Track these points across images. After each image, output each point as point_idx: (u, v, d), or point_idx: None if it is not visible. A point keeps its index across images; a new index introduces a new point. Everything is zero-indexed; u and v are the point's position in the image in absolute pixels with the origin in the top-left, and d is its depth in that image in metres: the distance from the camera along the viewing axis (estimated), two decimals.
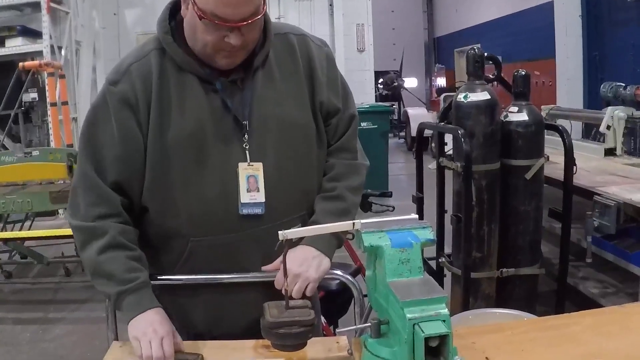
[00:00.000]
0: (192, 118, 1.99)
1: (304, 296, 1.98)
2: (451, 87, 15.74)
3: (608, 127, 5.19)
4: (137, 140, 1.99)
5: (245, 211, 2.03)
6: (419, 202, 4.81)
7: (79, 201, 2.04)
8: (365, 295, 1.95)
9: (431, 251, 4.43)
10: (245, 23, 1.86)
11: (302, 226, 1.71)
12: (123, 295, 1.96)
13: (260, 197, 2.04)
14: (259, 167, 2.05)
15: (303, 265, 2.01)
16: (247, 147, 2.04)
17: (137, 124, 1.99)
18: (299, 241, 2.06)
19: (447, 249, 4.39)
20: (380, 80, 19.73)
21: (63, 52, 10.14)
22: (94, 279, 2.03)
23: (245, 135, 2.04)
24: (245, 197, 2.03)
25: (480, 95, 3.83)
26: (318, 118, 2.18)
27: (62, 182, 5.98)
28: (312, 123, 2.16)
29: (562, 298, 4.10)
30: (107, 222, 2.00)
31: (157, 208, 2.07)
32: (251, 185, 2.04)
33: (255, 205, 2.04)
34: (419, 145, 5.03)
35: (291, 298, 1.82)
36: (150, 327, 1.88)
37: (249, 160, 2.04)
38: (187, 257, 2.08)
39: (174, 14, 2.06)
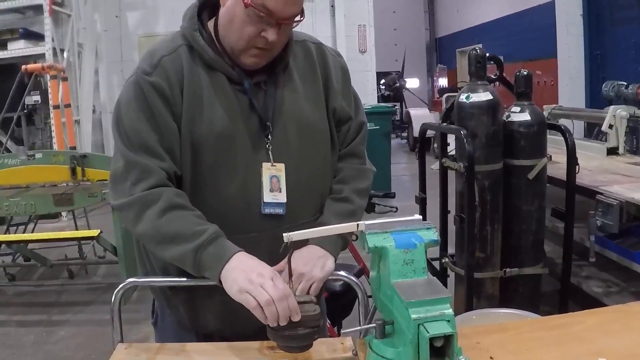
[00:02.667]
0: (223, 116, 2.01)
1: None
2: (453, 88, 15.75)
3: (610, 126, 5.19)
4: (174, 130, 1.98)
5: (267, 210, 2.05)
6: (421, 202, 4.81)
7: (121, 184, 1.98)
8: (370, 296, 1.95)
9: (434, 251, 4.43)
10: (287, 21, 1.91)
11: None
12: (202, 250, 1.86)
13: (282, 197, 2.06)
14: (281, 167, 2.07)
15: (308, 265, 2.02)
16: (270, 148, 2.06)
17: (172, 115, 1.98)
18: (305, 241, 2.06)
19: (451, 250, 4.40)
20: (382, 81, 19.76)
21: (65, 54, 10.17)
22: (158, 248, 1.94)
23: (269, 136, 2.06)
24: (268, 196, 2.05)
25: (483, 96, 3.83)
26: (332, 123, 2.22)
27: (65, 184, 6.00)
28: (327, 127, 2.20)
29: (565, 297, 4.10)
30: (158, 189, 1.93)
31: None
32: (274, 185, 2.06)
33: (277, 205, 2.06)
34: (421, 145, 5.03)
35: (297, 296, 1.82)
36: (253, 272, 1.78)
37: (272, 160, 2.06)
38: None
39: (199, 12, 2.08)
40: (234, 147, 2.02)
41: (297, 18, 1.95)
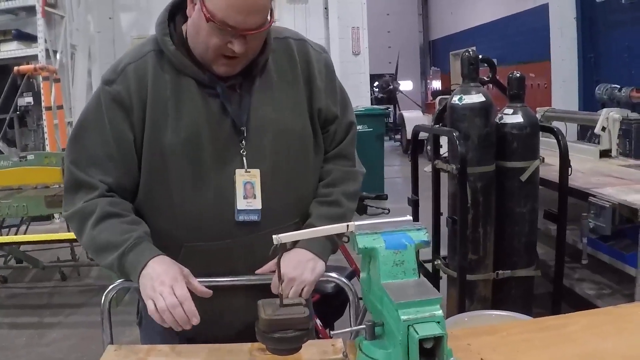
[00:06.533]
0: (189, 122, 1.98)
1: None
2: (446, 90, 15.76)
3: (603, 129, 5.21)
4: (129, 141, 1.98)
5: (241, 218, 2.02)
6: (414, 204, 4.82)
7: (68, 197, 2.03)
8: (361, 298, 1.95)
9: (427, 254, 4.44)
10: (252, 32, 1.85)
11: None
12: (124, 257, 1.90)
13: (257, 204, 2.03)
14: (256, 173, 2.03)
15: (298, 269, 2.00)
16: (244, 154, 2.02)
17: (129, 126, 1.97)
18: (293, 245, 2.05)
19: (443, 252, 4.40)
20: (376, 83, 19.79)
21: (58, 56, 10.13)
22: (97, 258, 1.99)
23: (243, 142, 2.02)
24: (241, 203, 2.02)
25: (475, 98, 3.83)
26: (315, 124, 2.16)
27: (57, 186, 5.97)
28: (309, 129, 2.14)
29: (558, 300, 4.10)
30: (94, 200, 1.97)
31: (152, 211, 2.05)
32: (248, 192, 2.02)
33: (252, 212, 2.03)
34: (414, 148, 5.03)
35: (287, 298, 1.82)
36: (156, 280, 1.83)
37: (246, 167, 2.02)
38: (180, 261, 2.02)
39: (173, 15, 2.04)
40: (203, 153, 1.99)
41: (264, 28, 1.88)
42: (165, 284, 1.81)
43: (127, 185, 2.02)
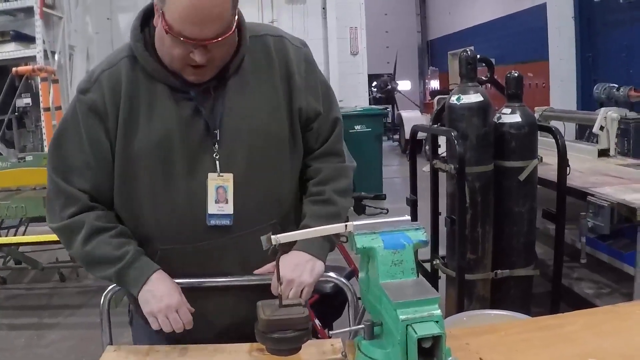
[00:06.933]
0: (160, 126, 1.98)
1: None
2: (445, 90, 15.77)
3: (601, 128, 5.21)
4: (105, 148, 2.00)
5: (212, 222, 2.03)
6: (413, 204, 4.81)
7: (52, 207, 2.09)
8: (360, 298, 1.95)
9: (426, 253, 4.44)
10: (211, 41, 1.83)
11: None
12: (123, 272, 2.00)
13: (229, 208, 2.03)
14: (229, 178, 2.03)
15: (296, 270, 2.00)
16: (217, 157, 2.02)
17: (105, 133, 1.99)
18: (289, 246, 2.05)
19: (442, 251, 4.40)
20: (374, 83, 19.78)
21: (56, 57, 10.12)
22: (91, 270, 2.09)
23: (216, 145, 2.02)
24: (212, 208, 2.02)
25: (473, 97, 3.83)
26: (295, 124, 2.14)
27: None
28: (285, 130, 2.11)
29: (556, 299, 4.10)
30: (80, 216, 2.02)
31: (127, 215, 2.08)
32: (220, 196, 2.02)
33: (223, 217, 2.04)
34: (412, 147, 5.03)
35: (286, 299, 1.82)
36: (162, 302, 1.96)
37: (219, 171, 2.02)
38: (157, 263, 2.06)
39: (147, 20, 2.04)
40: (174, 157, 2.00)
41: (225, 35, 1.85)
42: (171, 308, 1.97)
43: (106, 191, 2.06)
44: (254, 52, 2.09)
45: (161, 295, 1.96)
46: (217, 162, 2.02)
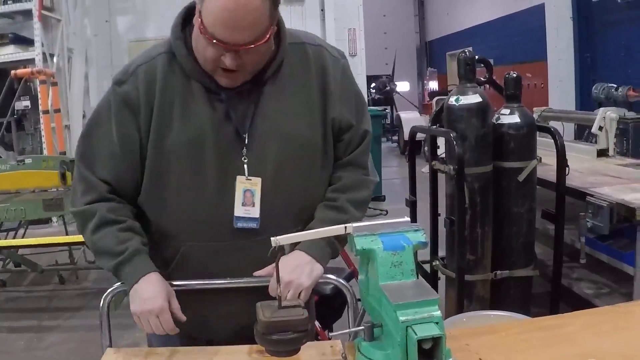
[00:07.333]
0: (193, 125, 1.99)
1: None
2: (443, 91, 15.77)
3: (600, 128, 5.21)
4: (133, 141, 2.01)
5: (239, 225, 2.04)
6: (412, 205, 4.82)
7: (75, 191, 2.12)
8: (360, 299, 1.95)
9: (425, 254, 4.44)
10: (242, 47, 1.83)
11: None
12: (120, 267, 2.02)
13: (255, 212, 2.04)
14: (257, 182, 2.04)
15: (295, 272, 2.00)
16: (245, 161, 2.03)
17: (136, 126, 2.00)
18: (292, 248, 2.05)
19: (441, 252, 4.40)
20: (373, 84, 19.80)
21: (55, 59, 10.12)
22: (97, 259, 2.11)
23: (244, 149, 2.03)
24: (239, 210, 2.03)
25: (472, 98, 3.84)
26: (328, 134, 2.14)
27: (55, 190, 5.97)
28: (317, 138, 2.12)
29: (556, 299, 4.10)
30: (95, 205, 2.05)
31: (153, 210, 2.09)
32: (247, 199, 2.03)
33: (250, 220, 2.05)
34: (411, 148, 5.03)
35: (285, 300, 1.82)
36: (144, 305, 1.96)
37: (247, 174, 2.03)
38: (179, 259, 2.10)
39: (188, 19, 2.03)
40: (205, 157, 2.01)
41: (258, 43, 1.85)
42: (152, 313, 1.96)
43: (128, 184, 2.07)
44: (292, 59, 2.09)
45: (145, 298, 1.97)
46: (246, 165, 2.03)
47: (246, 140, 2.02)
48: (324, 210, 2.16)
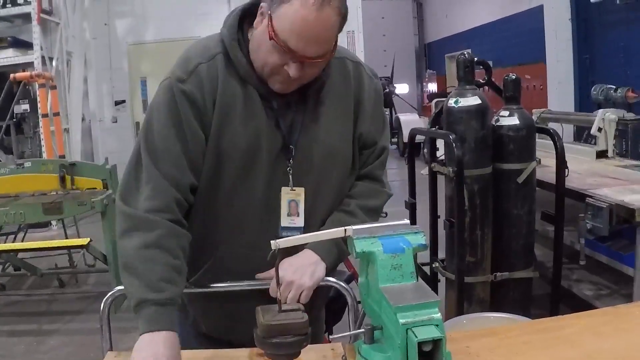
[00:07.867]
0: (252, 131, 1.98)
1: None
2: (442, 93, 15.75)
3: (599, 130, 5.21)
4: (201, 140, 1.97)
5: (284, 234, 2.04)
6: (411, 207, 4.82)
7: (135, 190, 1.96)
8: (360, 302, 1.95)
9: (425, 256, 4.44)
10: (310, 59, 1.85)
11: None
12: (145, 304, 1.80)
13: (300, 221, 2.07)
14: (300, 192, 2.06)
15: (297, 273, 2.01)
16: (290, 171, 2.04)
17: (201, 125, 1.96)
18: (301, 248, 2.06)
19: (441, 254, 4.40)
20: None
21: (54, 63, 10.14)
22: (122, 272, 1.89)
23: (290, 160, 2.04)
24: (285, 221, 2.06)
25: (471, 100, 3.84)
26: (355, 147, 2.17)
27: (54, 193, 5.97)
28: (350, 152, 2.15)
29: (556, 301, 4.10)
30: (159, 218, 1.90)
31: (196, 210, 2.05)
32: (292, 209, 2.06)
33: (295, 229, 2.06)
34: (410, 151, 5.04)
35: (286, 304, 1.82)
36: (153, 358, 1.73)
37: (291, 185, 2.05)
38: (213, 262, 2.09)
39: (242, 20, 2.03)
40: (257, 162, 2.00)
41: (324, 58, 1.89)
42: None
43: (192, 183, 2.00)
44: (334, 73, 2.10)
45: (148, 355, 1.73)
46: (290, 176, 2.05)
47: (293, 152, 2.04)
48: (334, 214, 2.17)
